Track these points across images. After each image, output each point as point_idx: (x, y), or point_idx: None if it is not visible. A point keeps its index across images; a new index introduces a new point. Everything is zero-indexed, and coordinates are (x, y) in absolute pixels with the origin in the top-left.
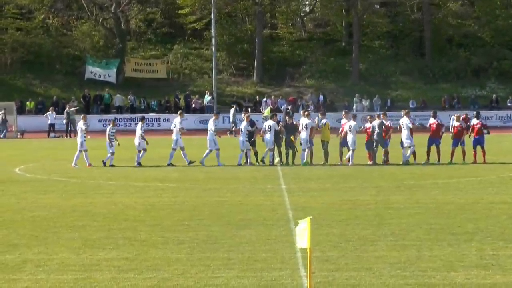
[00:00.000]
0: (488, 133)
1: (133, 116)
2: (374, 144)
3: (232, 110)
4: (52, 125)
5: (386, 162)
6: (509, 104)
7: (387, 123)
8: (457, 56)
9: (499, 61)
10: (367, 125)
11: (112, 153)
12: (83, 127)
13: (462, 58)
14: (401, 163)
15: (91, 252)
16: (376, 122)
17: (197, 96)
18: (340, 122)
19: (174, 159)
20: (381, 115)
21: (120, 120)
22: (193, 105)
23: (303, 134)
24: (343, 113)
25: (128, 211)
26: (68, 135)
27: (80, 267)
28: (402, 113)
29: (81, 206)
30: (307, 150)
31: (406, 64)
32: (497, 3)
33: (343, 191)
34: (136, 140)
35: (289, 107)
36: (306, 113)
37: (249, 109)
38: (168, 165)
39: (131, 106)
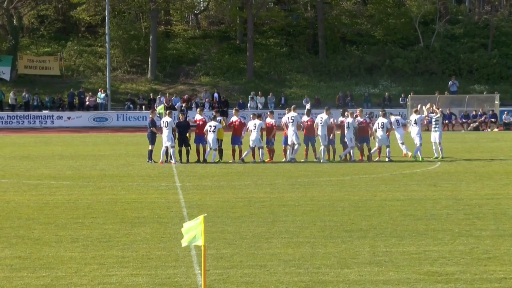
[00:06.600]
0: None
1: (26, 113)
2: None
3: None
4: None
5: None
6: (401, 102)
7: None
8: (351, 54)
9: (392, 59)
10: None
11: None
12: (172, 124)
13: (356, 56)
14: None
15: None
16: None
17: (90, 93)
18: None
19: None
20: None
21: (13, 117)
22: (87, 103)
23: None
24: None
25: (21, 209)
26: None
27: None
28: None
29: None
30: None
31: (301, 62)
32: (389, 2)
33: (237, 189)
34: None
35: (183, 105)
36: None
37: (143, 107)
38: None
39: (25, 103)
